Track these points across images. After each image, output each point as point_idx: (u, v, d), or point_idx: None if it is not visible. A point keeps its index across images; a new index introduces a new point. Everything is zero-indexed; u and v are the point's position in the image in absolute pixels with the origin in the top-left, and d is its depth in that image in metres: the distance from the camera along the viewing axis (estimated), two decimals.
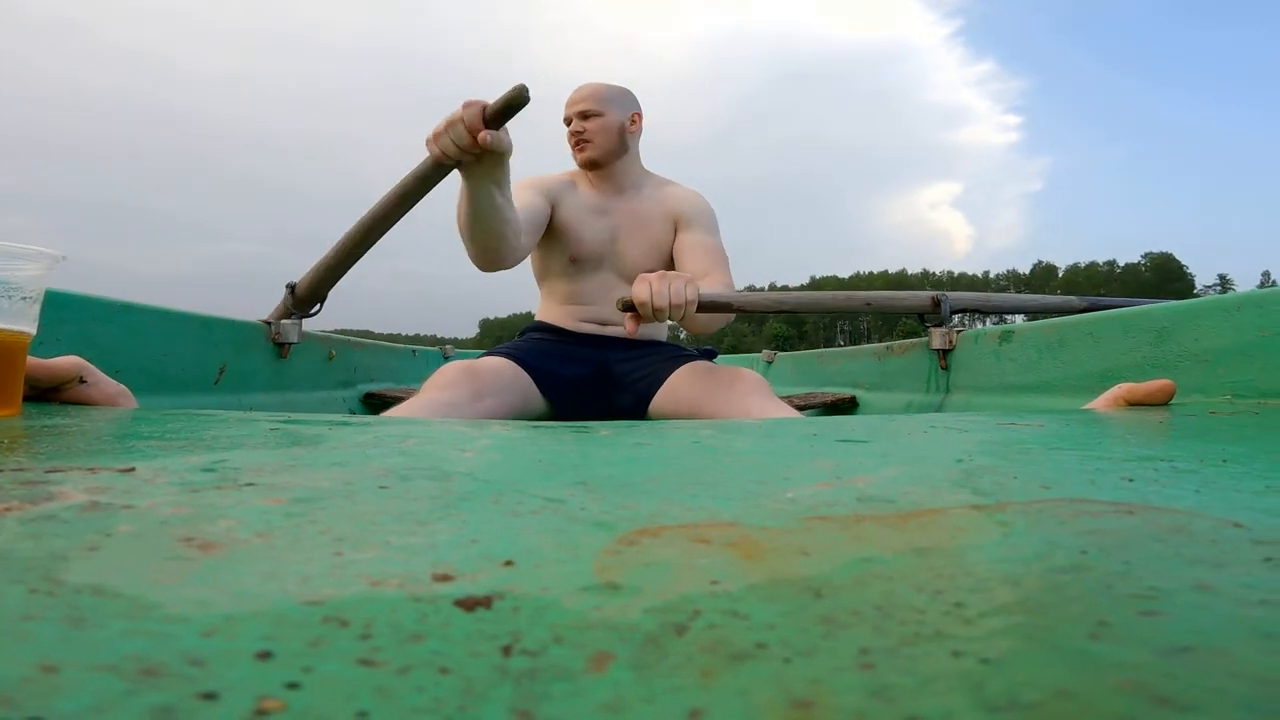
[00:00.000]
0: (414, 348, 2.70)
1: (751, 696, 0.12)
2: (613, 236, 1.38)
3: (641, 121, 1.42)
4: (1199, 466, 0.33)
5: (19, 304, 0.51)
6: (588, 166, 1.36)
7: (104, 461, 0.31)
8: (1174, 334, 0.95)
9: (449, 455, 0.35)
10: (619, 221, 1.38)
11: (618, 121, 1.36)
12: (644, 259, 1.37)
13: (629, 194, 1.40)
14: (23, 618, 0.14)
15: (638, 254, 1.37)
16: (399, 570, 0.18)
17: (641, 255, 1.37)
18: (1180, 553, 0.20)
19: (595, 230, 1.37)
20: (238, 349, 1.38)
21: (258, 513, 0.23)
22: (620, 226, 1.38)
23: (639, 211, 1.39)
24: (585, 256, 1.37)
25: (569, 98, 1.38)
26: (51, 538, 0.20)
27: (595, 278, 1.39)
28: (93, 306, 1.03)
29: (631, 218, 1.38)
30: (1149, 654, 0.13)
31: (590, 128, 1.34)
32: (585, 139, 1.34)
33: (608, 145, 1.35)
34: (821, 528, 0.22)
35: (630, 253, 1.37)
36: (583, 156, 1.35)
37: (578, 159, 1.36)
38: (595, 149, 1.34)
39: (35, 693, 0.11)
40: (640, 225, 1.38)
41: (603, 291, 1.38)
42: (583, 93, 1.37)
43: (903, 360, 1.69)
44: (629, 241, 1.38)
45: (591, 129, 1.34)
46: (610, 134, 1.35)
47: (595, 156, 1.34)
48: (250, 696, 0.11)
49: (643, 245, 1.37)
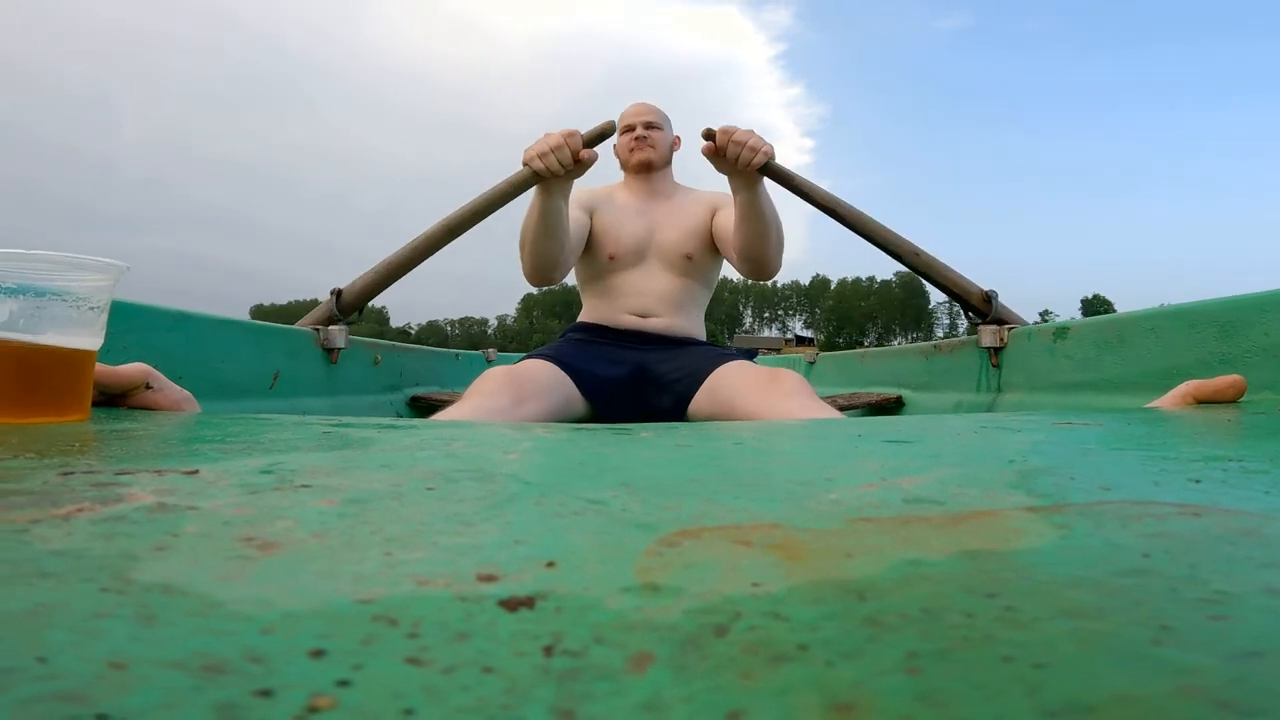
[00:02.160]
0: (456, 351, 2.75)
1: (791, 698, 0.12)
2: (651, 229, 1.45)
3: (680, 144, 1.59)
4: (1270, 467, 0.32)
5: (87, 314, 0.53)
6: (643, 168, 1.48)
7: (170, 464, 0.32)
8: (1241, 328, 0.90)
9: (493, 457, 0.36)
10: (657, 217, 1.46)
11: (670, 137, 1.55)
12: (684, 243, 1.44)
13: (663, 198, 1.50)
14: (95, 615, 0.15)
15: (677, 239, 1.44)
16: (445, 570, 0.18)
17: (681, 240, 1.44)
18: (1250, 556, 0.19)
19: (634, 227, 1.44)
20: (289, 355, 1.43)
21: (314, 514, 0.24)
22: (658, 221, 1.45)
23: (675, 206, 1.48)
24: (624, 252, 1.43)
25: (632, 110, 1.54)
26: (121, 538, 0.21)
27: (636, 270, 1.44)
28: (155, 316, 1.08)
29: (669, 211, 1.47)
30: (1215, 659, 0.13)
31: (654, 136, 1.50)
32: (650, 143, 1.48)
33: (663, 154, 1.51)
34: (866, 529, 0.22)
35: (669, 240, 1.44)
36: (642, 156, 1.48)
37: (636, 158, 1.48)
38: (655, 153, 1.49)
39: (105, 690, 0.12)
40: (678, 215, 1.46)
41: (645, 281, 1.44)
42: (649, 107, 1.55)
43: (951, 359, 1.65)
44: (667, 231, 1.45)
45: (655, 137, 1.50)
46: (666, 146, 1.52)
47: (653, 159, 1.48)
48: (304, 694, 0.12)
49: (681, 231, 1.44)
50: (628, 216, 1.44)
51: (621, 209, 1.45)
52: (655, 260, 1.44)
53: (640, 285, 1.43)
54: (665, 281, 1.43)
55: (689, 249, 1.43)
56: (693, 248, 1.43)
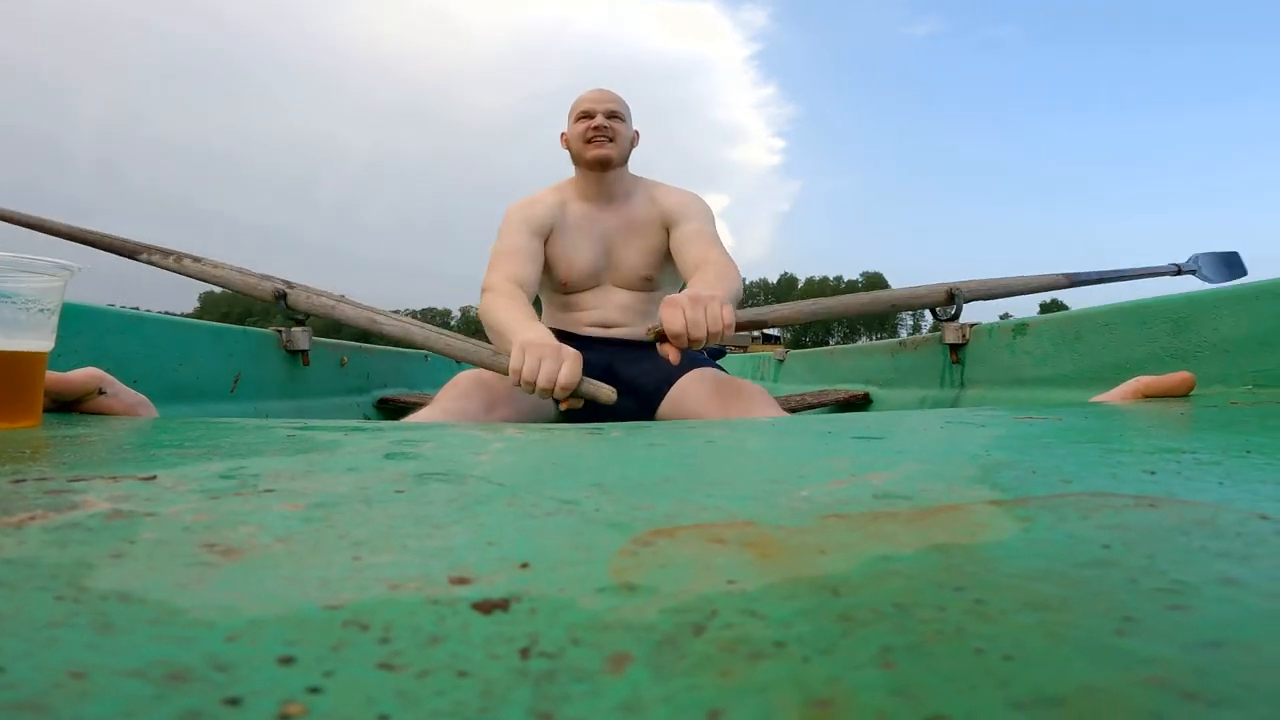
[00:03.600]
0: (426, 352, 2.71)
1: (770, 695, 0.12)
2: (606, 250, 1.36)
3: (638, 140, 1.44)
4: (1222, 458, 0.33)
5: (36, 316, 0.51)
6: (598, 164, 1.33)
7: (126, 470, 0.31)
8: (1192, 324, 0.94)
9: (464, 459, 0.36)
10: (611, 233, 1.36)
11: (631, 131, 1.38)
12: (640, 264, 1.36)
13: (619, 202, 1.38)
14: (50, 624, 0.15)
15: (634, 263, 1.36)
16: (417, 574, 0.18)
17: (637, 261, 1.36)
18: (1205, 546, 0.19)
19: (587, 253, 1.35)
20: (251, 358, 1.39)
21: (277, 518, 0.23)
22: (613, 238, 1.36)
23: (632, 218, 1.37)
24: (579, 278, 1.36)
25: (591, 95, 1.37)
26: (76, 545, 0.20)
27: (590, 293, 1.38)
28: (108, 318, 1.04)
29: (624, 226, 1.37)
30: (1176, 649, 0.13)
31: (616, 128, 1.33)
32: (609, 136, 1.32)
33: (624, 150, 1.35)
34: (838, 525, 0.22)
35: (625, 261, 1.36)
36: (601, 152, 1.31)
37: (593, 153, 1.32)
38: (615, 149, 1.32)
39: (65, 699, 0.12)
40: (633, 231, 1.36)
41: (603, 298, 1.37)
42: (611, 95, 1.36)
43: (916, 356, 1.68)
44: (623, 251, 1.36)
45: (616, 129, 1.33)
46: (626, 141, 1.36)
47: (612, 156, 1.32)
48: (273, 701, 0.12)
49: (637, 252, 1.36)
50: (580, 239, 1.34)
51: (572, 229, 1.35)
52: (611, 284, 1.38)
53: (598, 302, 1.37)
54: (624, 297, 1.38)
55: (647, 271, 1.36)
56: (651, 269, 1.36)
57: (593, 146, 1.32)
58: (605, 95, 1.38)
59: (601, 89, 1.40)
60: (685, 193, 1.40)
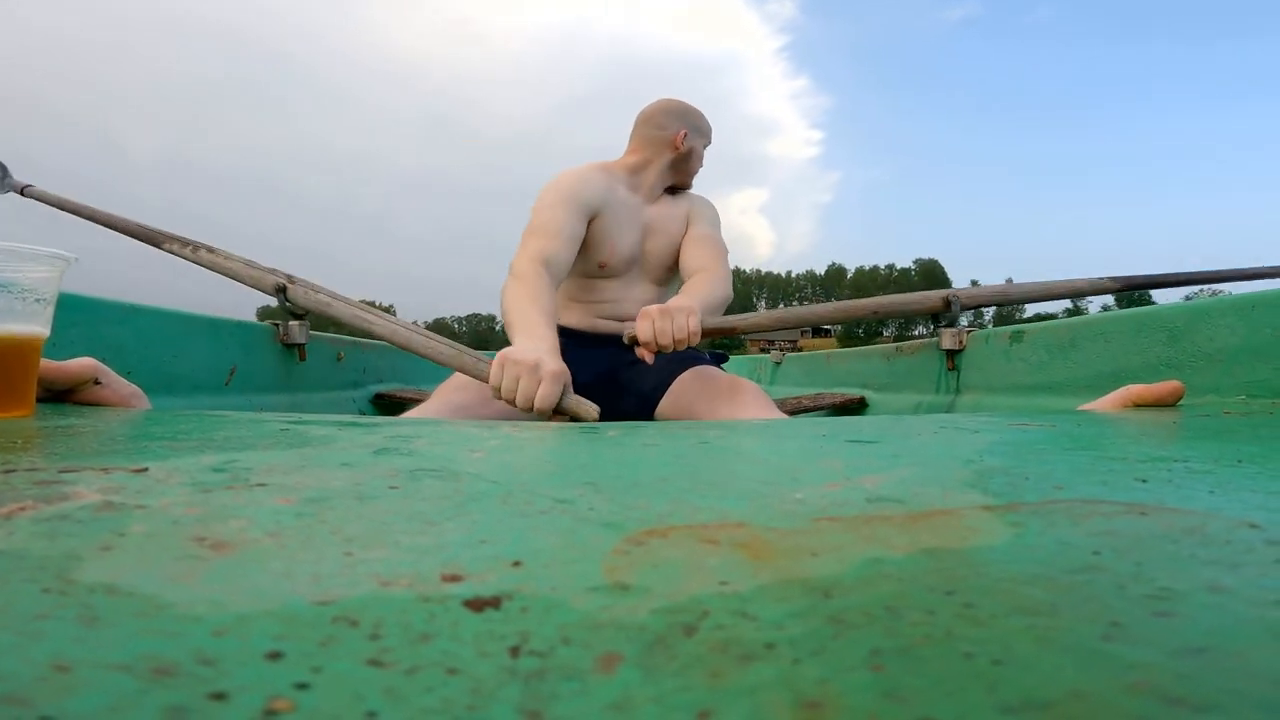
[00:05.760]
0: None
1: (760, 697, 0.12)
2: (643, 239, 1.43)
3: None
4: (1213, 467, 0.33)
5: (33, 305, 0.51)
6: (681, 185, 1.46)
7: (117, 462, 0.31)
8: (1187, 334, 0.94)
9: (458, 456, 0.35)
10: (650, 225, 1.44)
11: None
12: (667, 257, 1.44)
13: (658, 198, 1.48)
14: (36, 617, 0.14)
15: (662, 254, 1.44)
16: (408, 570, 0.18)
17: (665, 255, 1.44)
18: (1194, 554, 0.20)
19: (630, 237, 1.41)
20: (247, 350, 1.39)
21: (269, 513, 0.23)
22: (651, 230, 1.44)
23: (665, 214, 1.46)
24: (617, 262, 1.41)
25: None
26: (65, 537, 0.20)
27: (621, 279, 1.44)
28: (104, 309, 1.04)
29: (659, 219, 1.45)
30: (1163, 655, 0.13)
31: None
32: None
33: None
34: (831, 528, 0.22)
35: (656, 254, 1.44)
36: (692, 181, 1.46)
37: (689, 179, 1.46)
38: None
39: (48, 692, 0.11)
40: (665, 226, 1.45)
41: (626, 290, 1.44)
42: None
43: (912, 360, 1.68)
44: (655, 243, 1.44)
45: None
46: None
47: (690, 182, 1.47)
48: (260, 696, 0.12)
49: (667, 246, 1.44)
50: (625, 224, 1.40)
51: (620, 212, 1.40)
52: (641, 271, 1.45)
53: (622, 294, 1.43)
54: (646, 291, 1.44)
55: (672, 262, 1.44)
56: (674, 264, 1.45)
57: (692, 175, 1.48)
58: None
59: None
60: (701, 197, 1.50)
